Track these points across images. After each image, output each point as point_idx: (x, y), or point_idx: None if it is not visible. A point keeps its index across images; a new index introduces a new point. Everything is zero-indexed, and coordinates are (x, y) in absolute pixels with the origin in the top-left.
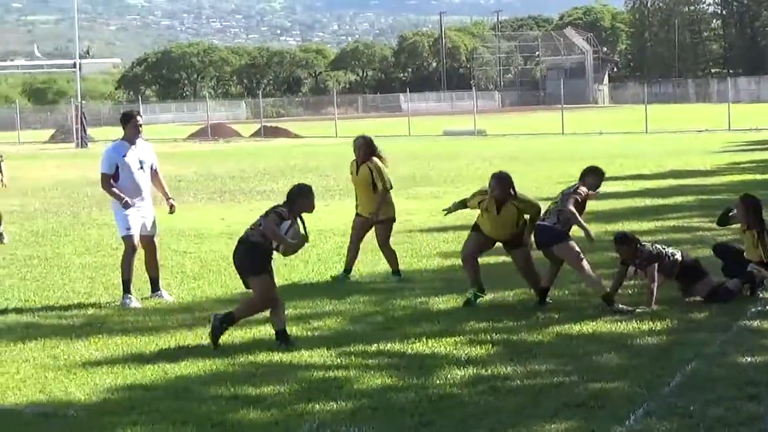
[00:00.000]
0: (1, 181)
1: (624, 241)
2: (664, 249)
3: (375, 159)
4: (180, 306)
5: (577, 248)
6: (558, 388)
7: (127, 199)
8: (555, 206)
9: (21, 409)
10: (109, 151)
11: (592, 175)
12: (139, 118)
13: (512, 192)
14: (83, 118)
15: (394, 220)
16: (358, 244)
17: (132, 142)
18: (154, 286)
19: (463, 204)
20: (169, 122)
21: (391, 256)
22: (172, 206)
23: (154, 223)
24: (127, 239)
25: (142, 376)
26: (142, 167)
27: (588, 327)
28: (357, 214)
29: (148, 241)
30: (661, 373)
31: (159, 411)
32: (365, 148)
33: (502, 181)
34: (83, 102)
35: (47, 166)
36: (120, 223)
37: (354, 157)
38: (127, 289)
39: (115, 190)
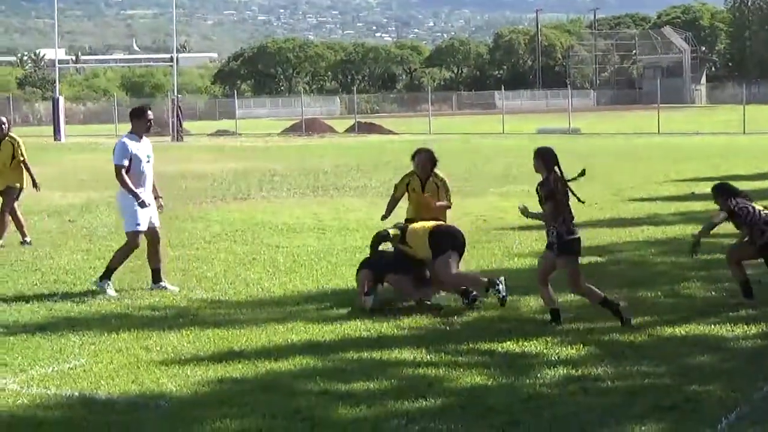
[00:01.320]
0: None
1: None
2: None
3: (439, 172)
4: (271, 299)
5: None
6: (649, 389)
7: (143, 198)
8: None
9: (114, 398)
10: (124, 143)
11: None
12: (149, 113)
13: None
14: (179, 112)
15: None
16: None
17: (140, 137)
18: (156, 277)
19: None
20: (264, 117)
21: None
22: (161, 206)
23: (157, 215)
24: (135, 235)
25: (232, 369)
26: (149, 161)
27: (681, 329)
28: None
29: (153, 233)
30: (755, 378)
31: (248, 404)
32: (430, 163)
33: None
34: (179, 96)
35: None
36: (129, 217)
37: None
38: (108, 276)
39: (131, 185)
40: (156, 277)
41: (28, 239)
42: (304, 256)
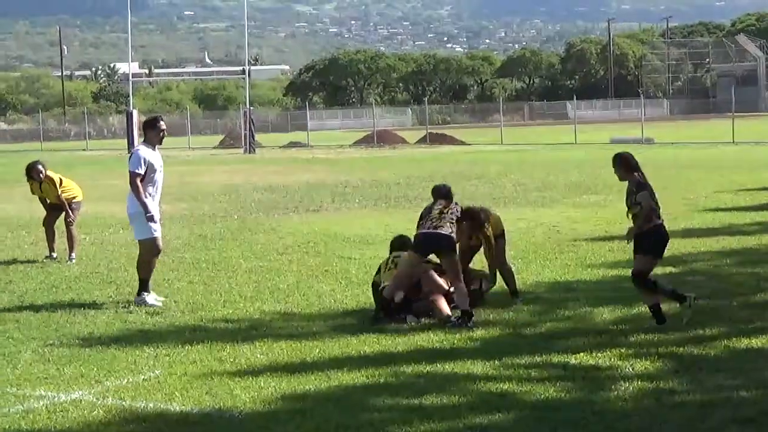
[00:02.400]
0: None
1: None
2: None
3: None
4: (344, 311)
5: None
6: (726, 403)
7: (152, 213)
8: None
9: (188, 410)
10: (141, 152)
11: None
12: (162, 123)
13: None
14: (251, 124)
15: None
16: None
17: (154, 147)
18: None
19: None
20: (336, 129)
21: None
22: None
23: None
24: (154, 242)
25: (305, 381)
26: (160, 171)
27: (758, 341)
28: None
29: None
30: None
31: (321, 416)
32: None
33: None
34: (251, 108)
35: (216, 171)
36: (143, 225)
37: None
38: (145, 288)
39: (143, 197)
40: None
41: (54, 255)
42: (376, 267)
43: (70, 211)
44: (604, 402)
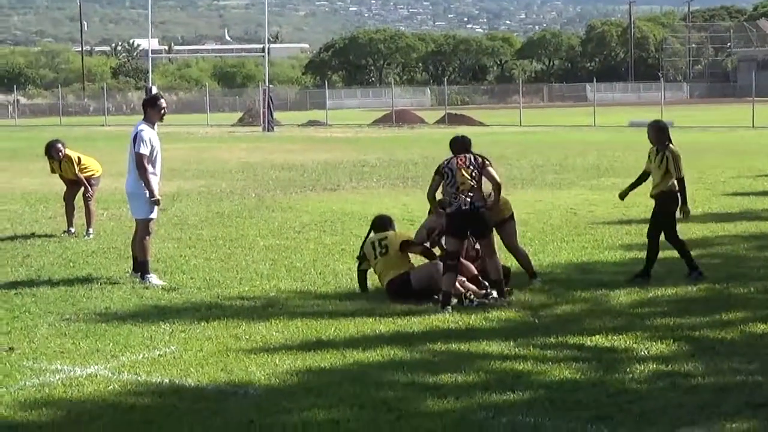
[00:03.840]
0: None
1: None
2: None
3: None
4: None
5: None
6: (741, 387)
7: (158, 197)
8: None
9: (203, 386)
10: (145, 132)
11: None
12: (162, 101)
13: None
14: (270, 102)
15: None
16: None
17: (153, 125)
18: (137, 267)
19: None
20: (354, 108)
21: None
22: None
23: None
24: (149, 223)
25: (320, 359)
26: (160, 149)
27: None
28: None
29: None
30: None
31: (336, 395)
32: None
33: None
34: (271, 86)
35: (234, 149)
36: (143, 204)
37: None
38: (147, 270)
39: (150, 179)
40: (136, 266)
41: (72, 230)
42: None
43: (89, 187)
44: (619, 384)
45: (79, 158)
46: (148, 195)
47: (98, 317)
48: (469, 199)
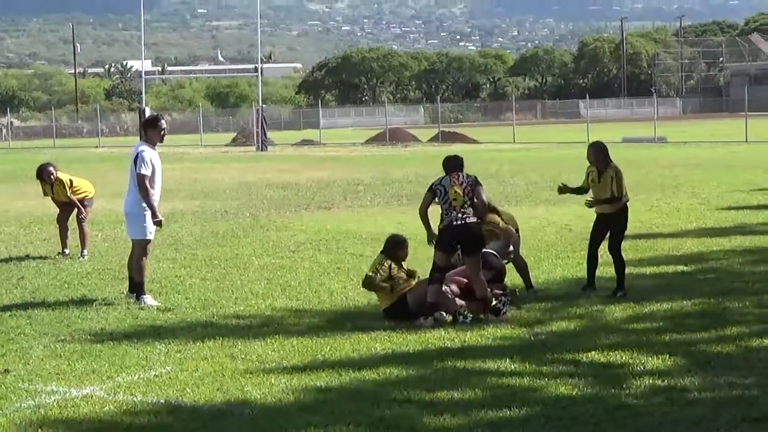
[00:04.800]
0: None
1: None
2: None
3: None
4: (355, 309)
5: None
6: (737, 401)
7: (161, 218)
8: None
9: (199, 406)
10: (146, 152)
11: None
12: (163, 122)
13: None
14: (264, 122)
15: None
16: None
17: (154, 146)
18: (132, 287)
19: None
20: (348, 126)
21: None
22: None
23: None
24: (146, 244)
25: (316, 378)
26: (160, 170)
27: None
28: None
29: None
30: None
31: (333, 413)
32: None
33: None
34: (264, 106)
35: (228, 169)
36: (141, 225)
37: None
38: (142, 291)
39: (151, 200)
40: (132, 287)
41: (67, 251)
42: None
43: (82, 209)
44: (616, 400)
45: (70, 181)
46: (150, 216)
47: (93, 338)
48: (461, 215)
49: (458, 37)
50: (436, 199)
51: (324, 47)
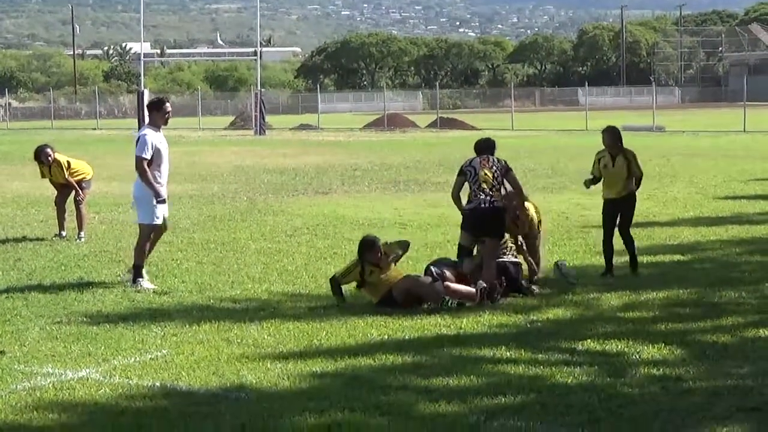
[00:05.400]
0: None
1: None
2: None
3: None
4: (352, 294)
5: None
6: (732, 390)
7: (164, 196)
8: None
9: (194, 389)
10: (148, 135)
11: None
12: (168, 105)
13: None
14: (262, 106)
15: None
16: None
17: (158, 129)
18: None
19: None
20: (347, 111)
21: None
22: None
23: (167, 207)
24: (152, 228)
25: (312, 363)
26: (167, 153)
27: (765, 330)
28: None
29: (162, 225)
30: None
31: (328, 398)
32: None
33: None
34: (263, 90)
35: (226, 152)
36: (147, 209)
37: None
38: (140, 274)
39: (152, 180)
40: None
41: (64, 233)
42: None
43: (80, 191)
44: (611, 388)
45: (68, 162)
46: (153, 197)
47: (90, 321)
48: (489, 198)
49: (458, 23)
50: (467, 180)
51: (323, 32)
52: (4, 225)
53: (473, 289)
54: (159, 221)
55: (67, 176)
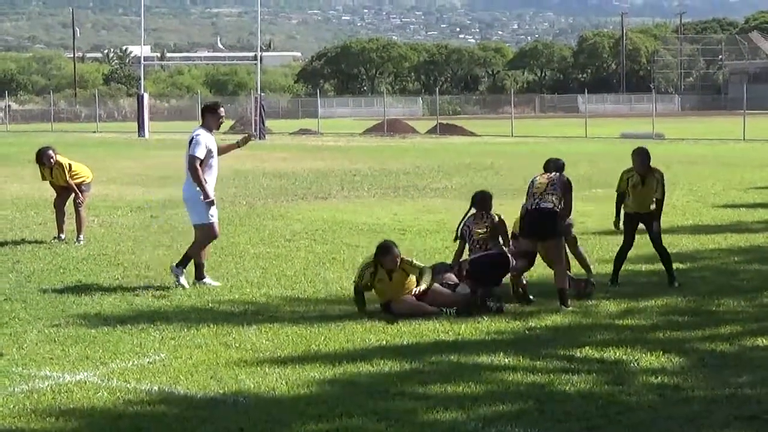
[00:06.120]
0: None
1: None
2: None
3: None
4: (350, 299)
5: None
6: (730, 399)
7: (212, 197)
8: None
9: (193, 394)
10: (202, 136)
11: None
12: (222, 110)
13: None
14: (262, 111)
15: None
16: None
17: (211, 131)
18: (200, 273)
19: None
20: (346, 117)
21: None
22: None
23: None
24: (210, 227)
25: (310, 368)
26: (217, 156)
27: (763, 339)
28: None
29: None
30: None
31: (326, 403)
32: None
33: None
34: (262, 94)
35: (225, 156)
36: (201, 210)
37: None
38: (184, 264)
39: (203, 180)
40: (199, 273)
41: (63, 236)
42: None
43: (79, 193)
44: (608, 396)
45: (69, 165)
46: (202, 197)
47: (88, 324)
48: (538, 200)
49: (458, 29)
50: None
51: (323, 36)
52: (3, 227)
53: (459, 294)
54: (214, 219)
55: (68, 178)
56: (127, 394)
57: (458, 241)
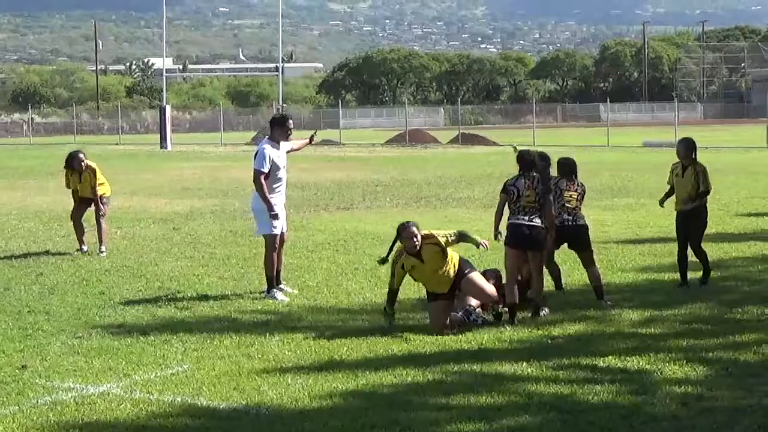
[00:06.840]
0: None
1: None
2: None
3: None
4: (373, 310)
5: None
6: (754, 408)
7: (276, 211)
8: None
9: (215, 405)
10: (267, 149)
11: None
12: (291, 122)
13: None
14: None
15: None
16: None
17: (278, 144)
18: (278, 279)
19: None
20: (368, 127)
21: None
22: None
23: (286, 220)
24: (271, 238)
25: (333, 379)
26: (285, 168)
27: None
28: None
29: (282, 238)
30: None
31: (348, 414)
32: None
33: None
34: (284, 105)
35: (248, 168)
36: (265, 221)
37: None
38: (272, 285)
39: (267, 195)
40: (278, 279)
41: (85, 248)
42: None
43: (101, 205)
44: (632, 406)
45: (95, 170)
46: (267, 210)
47: (111, 335)
48: (571, 217)
49: (479, 39)
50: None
51: (345, 47)
52: (27, 239)
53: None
54: (276, 231)
55: (95, 184)
56: (150, 405)
57: (500, 195)
